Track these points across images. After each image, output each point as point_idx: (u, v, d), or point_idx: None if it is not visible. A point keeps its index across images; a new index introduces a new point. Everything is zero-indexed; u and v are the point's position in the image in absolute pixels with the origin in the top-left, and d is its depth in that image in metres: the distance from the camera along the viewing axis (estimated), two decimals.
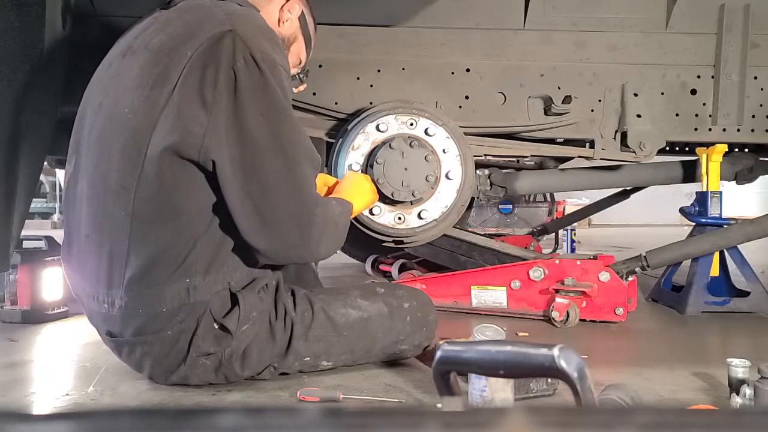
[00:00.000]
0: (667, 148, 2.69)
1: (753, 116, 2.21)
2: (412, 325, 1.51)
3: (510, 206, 4.38)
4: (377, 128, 2.00)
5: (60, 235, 1.63)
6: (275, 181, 1.23)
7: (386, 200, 1.97)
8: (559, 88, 2.17)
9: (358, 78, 2.15)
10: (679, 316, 2.19)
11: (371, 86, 2.15)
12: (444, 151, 2.00)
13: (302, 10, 1.57)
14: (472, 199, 2.42)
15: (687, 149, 2.81)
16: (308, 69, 1.70)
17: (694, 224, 2.35)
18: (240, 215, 1.24)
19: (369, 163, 1.97)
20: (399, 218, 2.00)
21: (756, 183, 2.70)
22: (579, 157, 2.26)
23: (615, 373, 1.47)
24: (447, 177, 2.00)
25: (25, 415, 0.29)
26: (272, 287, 1.39)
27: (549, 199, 4.49)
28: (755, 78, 2.20)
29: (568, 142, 2.33)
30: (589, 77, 2.18)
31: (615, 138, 2.19)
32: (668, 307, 2.33)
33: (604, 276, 2.08)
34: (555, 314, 2.01)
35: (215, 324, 1.29)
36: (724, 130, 2.21)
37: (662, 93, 2.20)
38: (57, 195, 10.28)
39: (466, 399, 1.18)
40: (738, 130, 2.21)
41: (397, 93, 2.13)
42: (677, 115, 2.21)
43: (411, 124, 2.00)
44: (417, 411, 0.30)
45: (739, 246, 2.24)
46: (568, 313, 2.01)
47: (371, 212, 1.97)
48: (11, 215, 1.57)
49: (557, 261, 2.15)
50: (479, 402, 1.15)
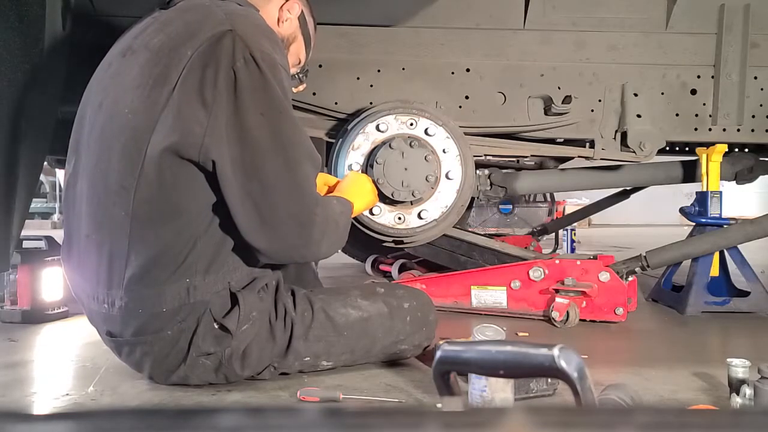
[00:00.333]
0: (667, 148, 2.69)
1: (753, 116, 2.21)
2: (412, 325, 1.51)
3: (510, 206, 4.38)
4: (377, 128, 2.00)
5: (60, 235, 1.62)
6: (276, 181, 1.23)
7: (386, 200, 1.97)
8: (559, 88, 2.17)
9: (358, 78, 2.15)
10: (679, 316, 2.19)
11: (371, 86, 2.15)
12: (444, 151, 2.00)
13: (302, 10, 1.57)
14: (472, 199, 2.42)
15: (687, 149, 2.81)
16: (308, 69, 1.71)
17: (694, 224, 2.35)
18: (240, 215, 1.24)
19: (369, 163, 1.97)
20: (399, 218, 2.00)
21: (756, 183, 2.69)
22: (579, 157, 2.26)
23: (615, 373, 1.47)
24: (447, 177, 2.00)
25: (25, 415, 0.29)
26: (272, 287, 1.39)
27: (549, 199, 4.49)
28: (755, 78, 2.20)
29: (568, 142, 2.33)
30: (589, 77, 2.18)
31: (615, 138, 2.19)
32: (668, 307, 2.33)
33: (604, 276, 2.08)
34: (555, 314, 2.01)
35: (215, 324, 1.29)
36: (724, 130, 2.21)
37: (662, 93, 2.20)
38: (57, 195, 10.28)
39: (466, 399, 1.18)
40: (738, 130, 2.21)
41: (397, 93, 2.13)
42: (677, 115, 2.21)
43: (411, 124, 2.00)
44: (417, 411, 0.30)
45: (739, 246, 2.24)
46: (568, 313, 2.01)
47: (371, 212, 1.97)
48: (11, 215, 1.56)
49: (557, 261, 2.15)
50: (479, 402, 1.15)
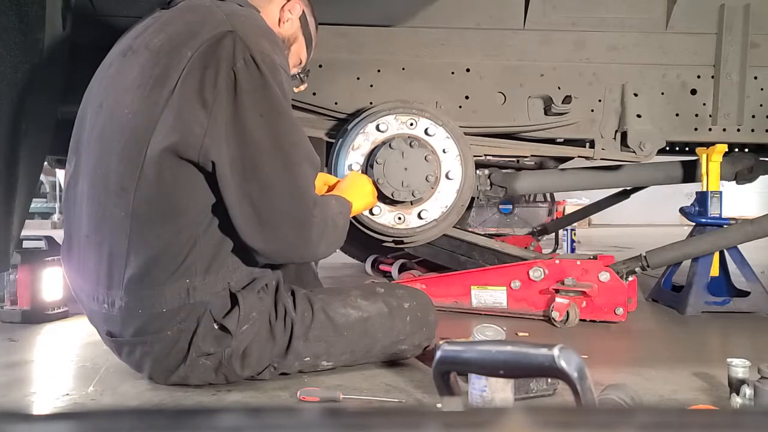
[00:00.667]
0: (667, 148, 2.69)
1: (753, 116, 2.21)
2: (412, 325, 1.51)
3: (510, 206, 4.38)
4: (377, 128, 2.00)
5: (60, 235, 1.62)
6: (274, 182, 1.23)
7: (386, 200, 1.97)
8: (559, 88, 2.17)
9: (358, 78, 2.15)
10: (679, 316, 2.19)
11: (371, 86, 2.15)
12: (444, 151, 2.00)
13: (303, 10, 1.57)
14: (472, 199, 2.42)
15: (687, 149, 2.81)
16: (309, 69, 1.71)
17: (694, 224, 2.35)
18: (238, 216, 1.24)
19: (369, 163, 1.97)
20: (399, 218, 2.00)
21: (756, 183, 2.69)
22: (579, 157, 2.26)
23: (615, 373, 1.47)
24: (447, 177, 2.00)
25: (25, 415, 0.29)
26: (272, 287, 1.39)
27: (549, 199, 4.49)
28: (755, 78, 2.20)
29: (568, 142, 2.33)
30: (589, 77, 2.18)
31: (615, 138, 2.19)
32: (668, 307, 2.33)
33: (604, 276, 2.08)
34: (555, 314, 2.01)
35: (215, 324, 1.29)
36: (724, 130, 2.21)
37: (662, 93, 2.20)
38: (57, 195, 10.29)
39: (466, 399, 1.18)
40: (738, 130, 2.21)
41: (397, 93, 2.13)
42: (677, 115, 2.21)
43: (411, 124, 2.00)
44: (417, 411, 0.30)
45: (739, 246, 2.24)
46: (568, 313, 2.01)
47: (371, 212, 1.97)
48: (11, 215, 1.56)
49: (557, 261, 2.15)
50: (479, 402, 1.15)
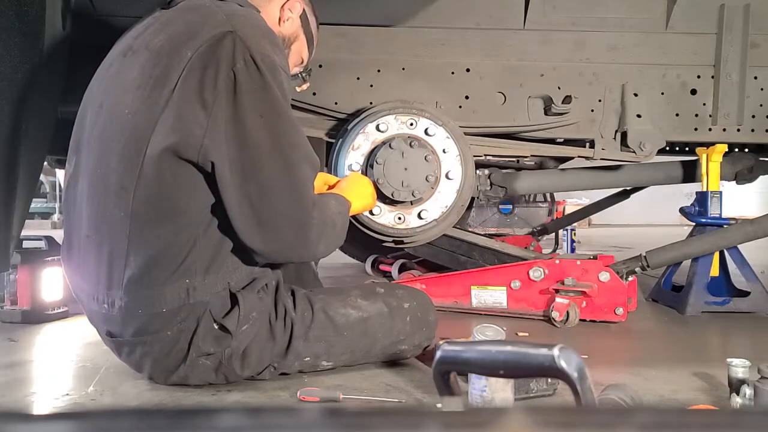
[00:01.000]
0: (667, 148, 2.69)
1: (753, 116, 2.21)
2: (412, 325, 1.51)
3: (510, 206, 4.38)
4: (377, 128, 2.00)
5: (60, 235, 1.62)
6: (273, 183, 1.23)
7: (386, 200, 1.97)
8: (559, 88, 2.17)
9: (358, 78, 2.15)
10: (679, 316, 2.19)
11: (371, 86, 2.15)
12: (444, 151, 2.00)
13: (303, 8, 1.57)
14: (472, 199, 2.42)
15: (687, 149, 2.81)
16: (311, 68, 1.70)
17: (694, 224, 2.35)
18: (237, 216, 1.24)
19: (369, 163, 1.97)
20: (399, 218, 2.00)
21: (756, 183, 2.69)
22: (579, 157, 2.26)
23: (615, 373, 1.47)
24: (447, 177, 2.00)
25: (25, 415, 0.29)
26: (272, 287, 1.39)
27: (549, 199, 4.49)
28: (755, 78, 2.20)
29: (568, 142, 2.33)
30: (589, 77, 2.18)
31: (615, 138, 2.19)
32: (668, 307, 2.33)
33: (604, 276, 2.08)
34: (555, 314, 2.01)
35: (215, 324, 1.29)
36: (724, 130, 2.21)
37: (662, 93, 2.20)
38: (57, 195, 10.29)
39: (466, 399, 1.18)
40: (738, 130, 2.21)
41: (397, 93, 2.13)
42: (677, 115, 2.21)
43: (411, 124, 2.00)
44: (417, 411, 0.30)
45: (739, 246, 2.24)
46: (568, 313, 2.01)
47: (371, 212, 1.97)
48: (11, 215, 1.56)
49: (557, 261, 2.15)
50: (479, 402, 1.15)
